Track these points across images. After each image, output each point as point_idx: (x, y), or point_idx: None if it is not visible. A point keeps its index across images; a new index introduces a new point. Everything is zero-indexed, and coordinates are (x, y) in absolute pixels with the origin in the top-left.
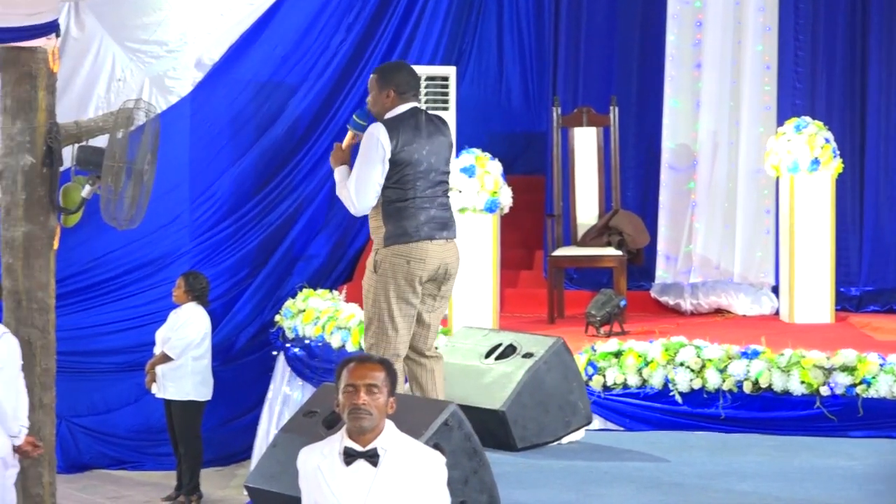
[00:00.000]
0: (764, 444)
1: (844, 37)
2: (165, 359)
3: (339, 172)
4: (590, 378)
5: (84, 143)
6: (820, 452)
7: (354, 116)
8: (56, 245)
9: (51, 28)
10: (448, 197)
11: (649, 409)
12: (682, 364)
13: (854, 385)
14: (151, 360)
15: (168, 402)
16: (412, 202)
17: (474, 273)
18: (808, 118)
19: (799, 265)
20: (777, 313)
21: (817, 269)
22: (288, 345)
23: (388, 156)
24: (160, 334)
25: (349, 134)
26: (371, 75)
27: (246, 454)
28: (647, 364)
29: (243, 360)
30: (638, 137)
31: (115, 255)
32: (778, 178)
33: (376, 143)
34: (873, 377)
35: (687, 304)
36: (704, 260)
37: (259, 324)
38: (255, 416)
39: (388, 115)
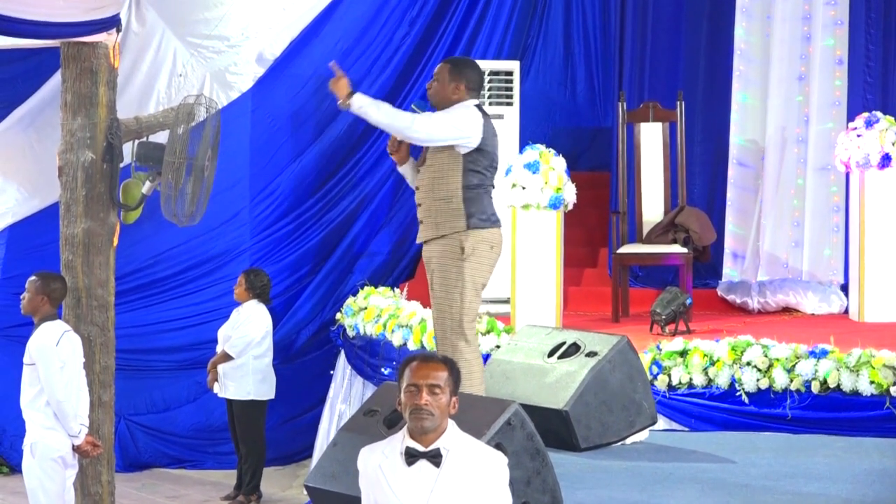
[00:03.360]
0: (832, 446)
1: None
2: (226, 357)
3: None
4: (654, 377)
5: (144, 139)
6: (890, 454)
7: (413, 105)
8: (116, 242)
9: (112, 23)
10: None
11: (715, 410)
12: (748, 363)
13: None
14: (213, 359)
15: (230, 402)
16: (488, 189)
17: (538, 270)
18: (878, 113)
19: (869, 263)
20: (846, 312)
21: (888, 266)
22: (349, 343)
23: (475, 141)
24: (222, 332)
25: None
26: (442, 64)
27: (307, 453)
28: (713, 363)
29: (304, 358)
30: (705, 133)
31: (174, 251)
32: (848, 174)
33: (476, 126)
34: None
35: (754, 303)
36: (772, 258)
37: (320, 321)
38: (316, 415)
39: (459, 106)
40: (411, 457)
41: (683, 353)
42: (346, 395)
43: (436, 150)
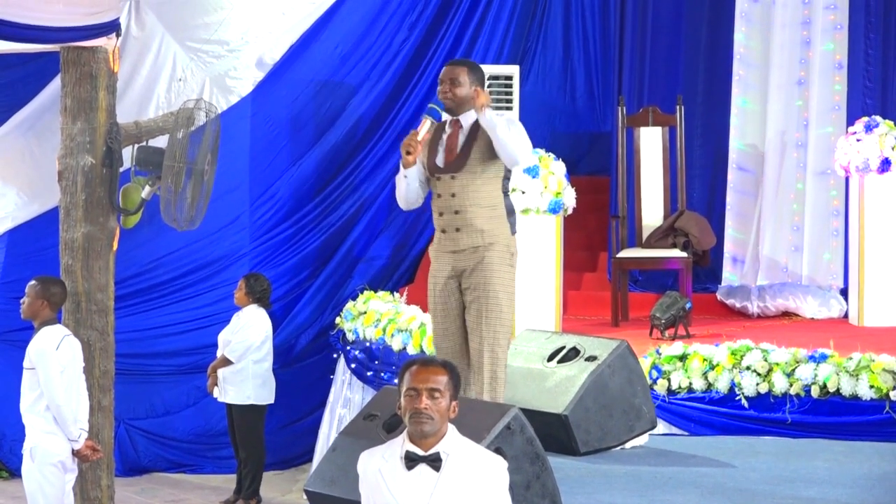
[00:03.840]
0: (832, 450)
1: None
2: (226, 362)
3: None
4: (654, 382)
5: (144, 144)
6: (890, 458)
7: (433, 105)
8: (115, 246)
9: (111, 27)
10: None
11: (715, 414)
12: (748, 368)
13: None
14: (213, 364)
15: (229, 406)
16: None
17: (537, 275)
18: (878, 117)
19: (868, 267)
20: (846, 316)
21: (887, 271)
22: (348, 347)
23: None
24: (222, 337)
25: (427, 123)
26: (459, 66)
27: (306, 458)
28: (712, 368)
29: (304, 362)
30: (704, 137)
31: (174, 256)
32: (847, 179)
33: None
34: None
35: (754, 307)
36: (772, 262)
37: (319, 326)
38: (316, 420)
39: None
40: (411, 461)
41: (683, 358)
42: (345, 399)
43: (486, 157)
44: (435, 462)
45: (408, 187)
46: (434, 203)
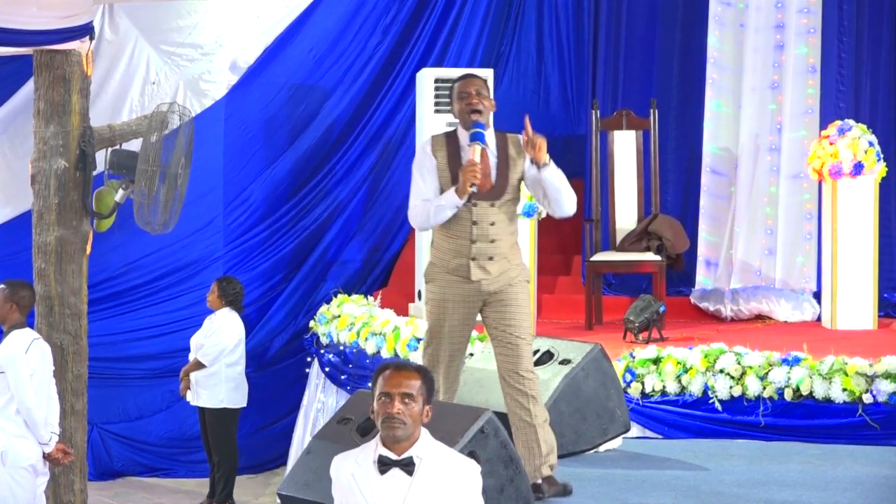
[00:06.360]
0: (805, 453)
1: (889, 39)
2: (199, 366)
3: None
4: (628, 385)
5: (118, 147)
6: (863, 461)
7: (475, 129)
8: (89, 250)
9: (85, 31)
10: None
11: (688, 417)
12: (721, 371)
13: None
14: (185, 367)
15: (202, 410)
16: None
17: None
18: (851, 121)
19: (841, 270)
20: (819, 319)
21: (860, 274)
22: (322, 351)
23: None
24: (195, 340)
25: (477, 149)
26: (478, 78)
27: (280, 461)
28: (686, 371)
29: (277, 366)
30: (678, 141)
31: (148, 259)
32: (820, 183)
33: None
34: None
35: (727, 311)
36: (745, 265)
37: (293, 329)
38: (290, 423)
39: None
40: (384, 465)
41: (657, 361)
42: (319, 403)
43: (517, 183)
44: (408, 466)
45: (451, 212)
46: (460, 229)
